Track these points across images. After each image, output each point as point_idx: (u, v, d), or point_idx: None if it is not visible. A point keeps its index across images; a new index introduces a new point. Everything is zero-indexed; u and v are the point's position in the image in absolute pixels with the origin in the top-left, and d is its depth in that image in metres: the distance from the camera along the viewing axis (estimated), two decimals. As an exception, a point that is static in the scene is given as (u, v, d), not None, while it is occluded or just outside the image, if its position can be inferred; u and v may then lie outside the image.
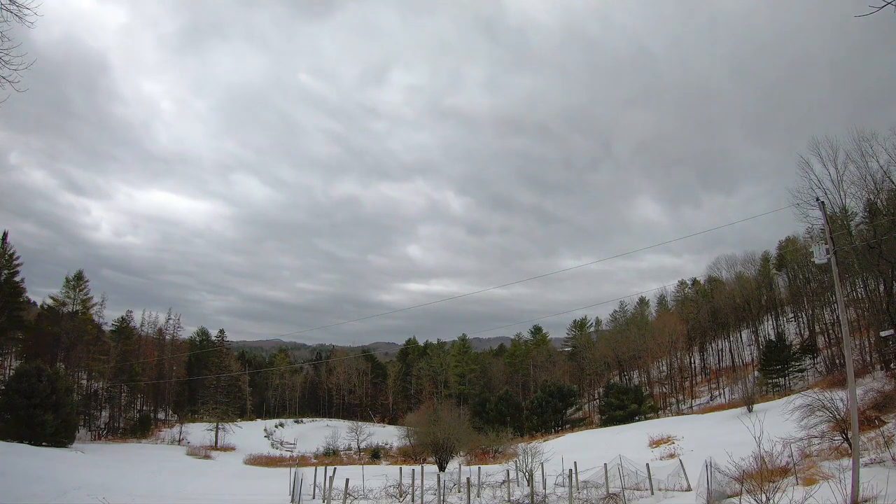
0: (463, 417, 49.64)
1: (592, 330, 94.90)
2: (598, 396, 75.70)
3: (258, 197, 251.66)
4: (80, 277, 59.28)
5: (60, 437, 37.69)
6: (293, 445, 63.05)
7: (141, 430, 59.35)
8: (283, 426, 77.24)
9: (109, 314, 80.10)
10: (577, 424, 61.57)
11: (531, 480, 19.03)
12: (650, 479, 19.02)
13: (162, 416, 72.01)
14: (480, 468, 26.04)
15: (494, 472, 24.84)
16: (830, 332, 54.25)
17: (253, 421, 76.81)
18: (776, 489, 9.71)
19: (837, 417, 17.61)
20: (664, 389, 71.34)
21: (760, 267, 73.23)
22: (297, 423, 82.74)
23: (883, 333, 26.73)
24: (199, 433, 56.91)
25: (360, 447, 55.35)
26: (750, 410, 35.57)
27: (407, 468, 25.87)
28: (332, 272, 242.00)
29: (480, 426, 50.70)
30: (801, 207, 32.85)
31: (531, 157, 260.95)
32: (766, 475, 11.12)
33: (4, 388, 39.17)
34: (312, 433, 68.59)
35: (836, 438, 18.01)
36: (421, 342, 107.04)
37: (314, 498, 20.28)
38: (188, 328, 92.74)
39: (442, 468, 34.54)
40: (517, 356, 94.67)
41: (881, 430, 18.93)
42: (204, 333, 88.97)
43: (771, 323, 70.66)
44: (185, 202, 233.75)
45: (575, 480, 18.58)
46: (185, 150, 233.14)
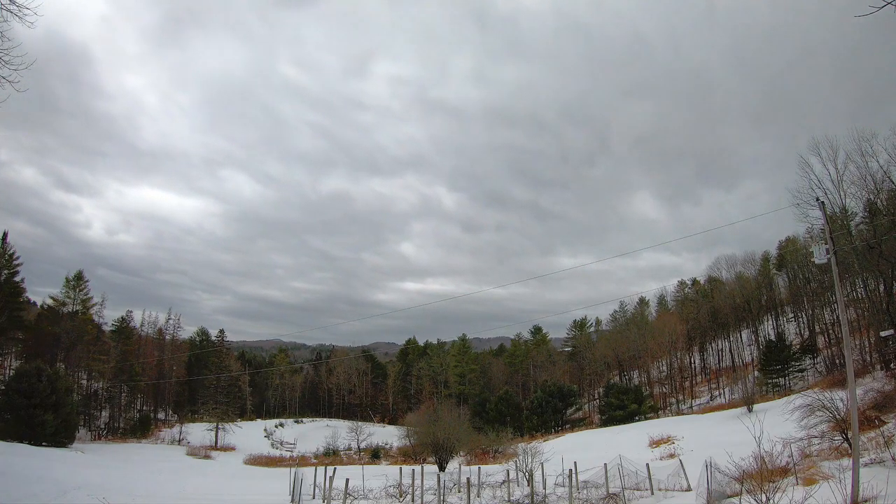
0: (463, 417, 49.55)
1: (592, 330, 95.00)
2: (598, 396, 75.71)
3: (248, 193, 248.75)
4: (80, 277, 59.44)
5: (60, 437, 37.66)
6: (293, 445, 63.02)
7: (141, 430, 59.33)
8: (283, 426, 77.19)
9: (109, 314, 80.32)
10: (577, 424, 61.58)
11: (531, 480, 19.03)
12: (650, 479, 19.02)
13: (162, 416, 72.02)
14: (480, 468, 26.02)
15: (494, 472, 24.83)
16: (830, 332, 54.25)
17: (253, 421, 76.78)
18: (776, 489, 9.71)
19: (837, 417, 17.61)
20: (664, 389, 71.36)
21: (760, 267, 73.23)
22: (297, 423, 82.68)
23: (883, 333, 26.72)
24: (199, 433, 56.90)
25: (360, 447, 55.34)
26: (750, 410, 35.61)
27: (407, 468, 25.87)
28: (325, 271, 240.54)
29: (480, 426, 50.71)
30: (801, 207, 33.03)
31: (524, 150, 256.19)
32: (766, 475, 11.12)
33: (4, 388, 39.16)
34: (312, 433, 68.58)
35: (836, 438, 18.01)
36: (421, 342, 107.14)
37: (314, 498, 20.28)
38: (188, 328, 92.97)
39: (442, 468, 34.53)
40: (517, 356, 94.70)
41: (881, 430, 18.92)
42: (204, 333, 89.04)
43: (771, 323, 70.66)
44: (174, 199, 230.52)
45: (575, 480, 18.58)
46: (171, 145, 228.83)
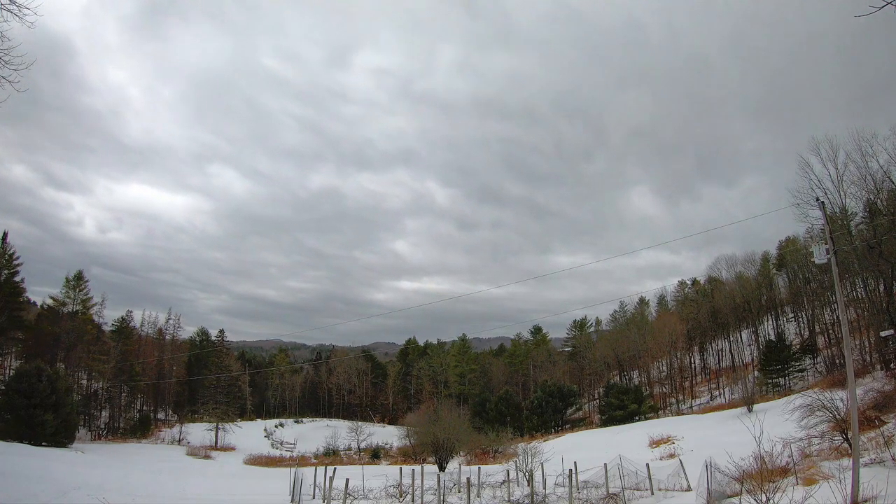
0: (463, 417, 49.55)
1: (592, 330, 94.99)
2: (598, 396, 75.70)
3: (237, 190, 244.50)
4: (80, 277, 59.39)
5: (60, 437, 37.63)
6: (293, 445, 63.02)
7: (141, 430, 59.34)
8: (283, 426, 77.19)
9: (109, 314, 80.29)
10: (577, 424, 61.58)
11: (531, 480, 19.03)
12: (650, 479, 19.02)
13: (162, 416, 72.05)
14: (480, 468, 26.02)
15: (494, 472, 24.83)
16: (830, 332, 54.26)
17: (253, 421, 76.79)
18: (776, 489, 9.71)
19: (837, 417, 17.60)
20: (664, 389, 71.37)
21: (760, 267, 73.20)
22: (297, 423, 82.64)
23: (883, 333, 26.74)
24: (199, 433, 56.91)
25: (360, 447, 55.34)
26: (750, 410, 35.60)
27: (407, 468, 25.87)
28: (319, 269, 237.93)
29: (480, 426, 50.70)
30: (801, 207, 33.06)
31: (518, 144, 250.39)
32: (766, 475, 11.12)
33: (4, 388, 39.14)
34: (312, 433, 68.56)
35: (836, 438, 18.00)
36: (421, 342, 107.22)
37: (314, 498, 20.29)
38: (188, 328, 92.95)
39: (442, 468, 34.52)
40: (517, 356, 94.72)
41: (881, 430, 18.92)
42: (204, 333, 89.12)
43: (771, 323, 70.66)
44: (164, 196, 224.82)
45: (575, 480, 18.58)
46: (157, 140, 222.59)
